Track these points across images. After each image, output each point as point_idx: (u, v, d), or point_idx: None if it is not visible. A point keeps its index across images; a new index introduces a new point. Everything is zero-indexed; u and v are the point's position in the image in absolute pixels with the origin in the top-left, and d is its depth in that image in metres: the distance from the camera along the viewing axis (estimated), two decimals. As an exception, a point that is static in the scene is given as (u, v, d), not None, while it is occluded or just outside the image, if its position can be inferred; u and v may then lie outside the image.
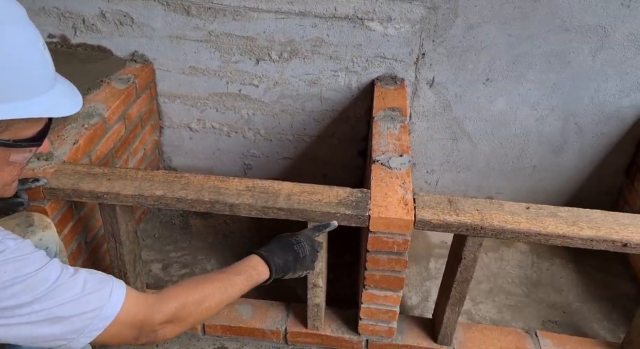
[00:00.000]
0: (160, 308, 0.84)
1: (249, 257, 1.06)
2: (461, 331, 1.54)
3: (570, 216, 1.27)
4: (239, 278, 0.98)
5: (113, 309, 0.76)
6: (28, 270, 0.69)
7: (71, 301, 0.72)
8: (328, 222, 1.22)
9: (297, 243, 1.13)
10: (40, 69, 0.71)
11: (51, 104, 0.71)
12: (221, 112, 2.09)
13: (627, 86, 1.81)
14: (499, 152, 2.04)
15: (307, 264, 1.14)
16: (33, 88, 0.69)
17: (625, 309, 1.76)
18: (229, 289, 0.96)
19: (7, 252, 0.68)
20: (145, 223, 2.09)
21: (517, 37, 1.77)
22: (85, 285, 0.74)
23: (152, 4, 1.86)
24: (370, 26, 1.81)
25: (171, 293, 0.88)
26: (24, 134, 0.70)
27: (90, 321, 0.73)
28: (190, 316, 0.89)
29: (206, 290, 0.92)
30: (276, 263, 1.06)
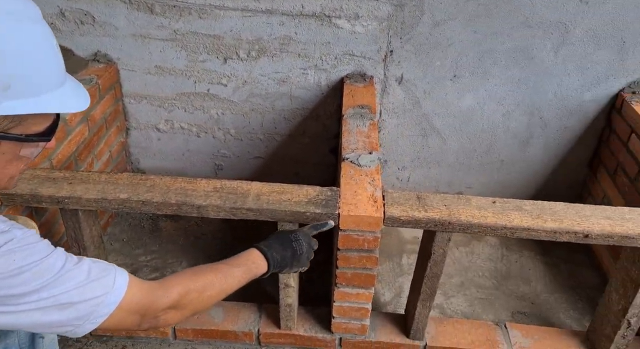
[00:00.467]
0: (164, 294, 0.86)
1: (249, 251, 1.09)
2: (433, 326, 1.55)
3: (535, 209, 1.29)
4: (239, 270, 1.01)
5: (117, 296, 0.78)
6: (34, 258, 0.71)
7: (77, 288, 0.74)
8: (325, 222, 1.24)
9: (296, 240, 1.15)
10: (54, 66, 0.74)
11: (62, 100, 0.73)
12: (190, 112, 2.05)
13: (587, 81, 1.86)
14: (467, 147, 2.07)
15: (302, 261, 1.17)
16: (47, 84, 0.71)
17: (590, 298, 1.82)
18: (229, 279, 0.98)
19: (15, 242, 0.70)
20: (113, 227, 2.04)
21: (482, 34, 1.79)
22: (89, 273, 0.76)
23: (114, 2, 1.81)
24: (338, 24, 1.81)
25: (174, 280, 0.90)
26: (35, 129, 0.72)
27: (95, 308, 0.75)
28: (191, 303, 0.91)
29: (208, 279, 0.94)
30: (274, 258, 1.09)
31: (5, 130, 0.68)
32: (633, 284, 1.33)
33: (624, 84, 1.86)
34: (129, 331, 1.55)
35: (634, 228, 1.23)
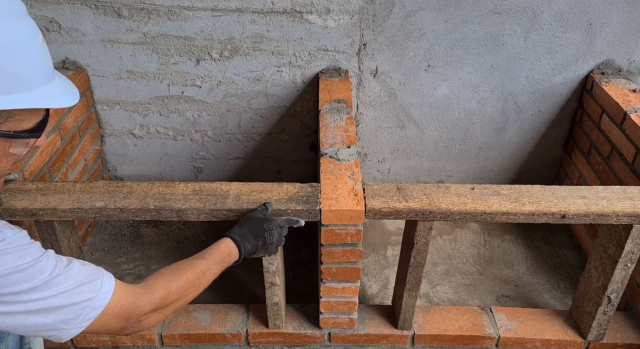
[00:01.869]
0: (147, 299, 0.87)
1: (223, 240, 1.11)
2: (420, 315, 1.57)
3: (513, 193, 1.31)
4: (215, 265, 1.05)
5: (103, 300, 0.78)
6: (26, 260, 0.71)
7: (65, 292, 0.74)
8: (298, 219, 1.25)
9: (268, 230, 1.18)
10: (41, 61, 0.74)
11: (51, 96, 0.73)
12: (165, 116, 2.02)
13: (558, 64, 1.89)
14: (445, 136, 2.09)
15: (271, 249, 1.21)
16: (34, 80, 0.71)
17: (572, 277, 1.85)
18: (206, 274, 1.01)
19: (7, 242, 0.71)
20: (93, 237, 2.00)
21: (453, 23, 1.81)
22: (78, 276, 0.77)
23: (79, 7, 1.77)
24: (310, 19, 1.80)
25: (155, 283, 0.91)
26: (24, 126, 0.72)
27: (81, 311, 0.76)
28: (172, 303, 0.93)
29: (187, 277, 0.96)
30: (246, 248, 1.13)
31: None
32: (611, 261, 1.36)
33: (593, 66, 1.90)
34: (114, 341, 1.53)
35: (608, 206, 1.25)
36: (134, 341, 1.53)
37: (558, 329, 1.54)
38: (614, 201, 1.27)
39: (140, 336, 1.51)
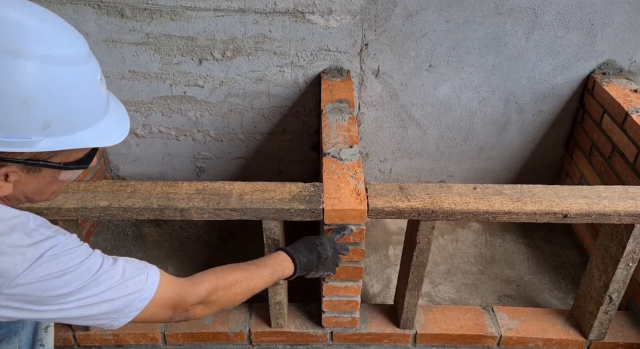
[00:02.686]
0: (193, 290, 0.91)
1: (276, 253, 1.14)
2: (422, 314, 1.57)
3: (515, 193, 1.32)
4: (266, 271, 1.06)
5: (150, 292, 0.83)
6: (75, 261, 0.76)
7: (114, 287, 0.79)
8: (345, 225, 1.28)
9: (321, 245, 1.20)
10: (98, 101, 0.76)
11: (103, 133, 0.77)
12: (167, 115, 2.03)
13: (559, 64, 1.90)
14: (447, 136, 2.09)
15: (328, 265, 1.21)
16: (89, 120, 0.75)
17: (573, 277, 1.86)
18: (255, 279, 1.03)
19: (59, 247, 0.75)
20: (96, 236, 2.01)
21: (455, 23, 1.81)
22: (124, 272, 0.81)
23: (82, 7, 1.78)
24: (312, 19, 1.81)
25: (203, 277, 0.95)
26: (74, 157, 0.77)
27: (130, 303, 0.81)
28: (219, 299, 0.96)
29: (235, 277, 0.99)
30: (301, 261, 1.14)
31: (45, 159, 0.73)
32: (612, 261, 1.37)
33: (594, 66, 1.90)
34: (117, 339, 1.53)
35: (610, 206, 1.26)
36: (137, 339, 1.53)
37: (559, 329, 1.54)
38: (616, 201, 1.27)
39: (144, 335, 1.52)
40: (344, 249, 1.27)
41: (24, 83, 0.66)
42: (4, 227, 0.72)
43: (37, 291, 0.72)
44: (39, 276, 0.72)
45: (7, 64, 0.65)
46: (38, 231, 0.74)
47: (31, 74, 0.66)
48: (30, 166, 0.72)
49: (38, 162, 0.72)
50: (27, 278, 0.71)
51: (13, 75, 0.65)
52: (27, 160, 0.71)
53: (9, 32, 0.65)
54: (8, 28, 0.66)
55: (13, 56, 0.65)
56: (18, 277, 0.70)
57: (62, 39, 0.71)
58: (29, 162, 0.71)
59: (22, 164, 0.71)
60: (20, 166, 0.71)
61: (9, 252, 0.70)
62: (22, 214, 0.75)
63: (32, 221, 0.75)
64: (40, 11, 0.71)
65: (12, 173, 0.71)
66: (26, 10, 0.69)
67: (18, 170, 0.72)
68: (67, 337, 1.53)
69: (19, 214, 0.74)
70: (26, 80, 0.66)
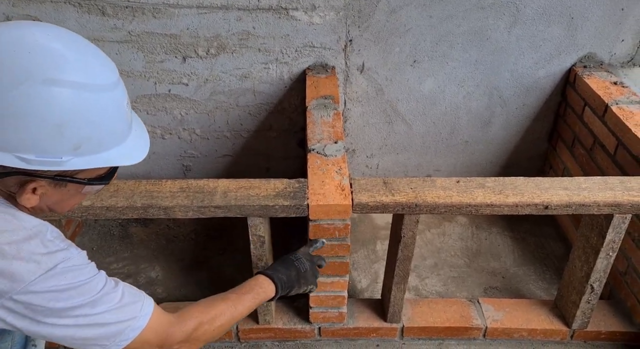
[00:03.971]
0: (180, 328, 0.93)
1: (255, 277, 1.18)
2: (409, 307, 1.58)
3: (497, 186, 1.33)
4: (248, 297, 1.10)
5: (143, 321, 0.85)
6: (83, 278, 0.79)
7: (111, 310, 0.81)
8: (317, 239, 1.32)
9: (297, 259, 1.24)
10: (122, 125, 0.81)
11: (124, 154, 0.81)
12: (152, 114, 2.02)
13: (541, 58, 1.92)
14: (432, 131, 2.11)
15: (309, 279, 1.25)
16: (113, 142, 0.79)
17: (557, 268, 1.89)
18: (238, 307, 1.07)
19: (71, 261, 0.78)
20: (82, 237, 1.99)
21: (438, 18, 1.82)
22: (123, 297, 0.83)
23: (63, 6, 1.76)
24: (296, 16, 1.80)
25: (189, 313, 0.97)
26: (97, 174, 0.81)
27: (123, 330, 0.82)
28: (204, 334, 0.98)
29: (219, 309, 1.02)
30: (280, 279, 1.18)
31: (72, 175, 0.78)
32: (593, 251, 1.39)
33: (575, 59, 1.92)
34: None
35: (590, 197, 1.28)
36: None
37: (544, 319, 1.57)
38: (595, 192, 1.30)
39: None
40: (321, 260, 1.30)
41: (60, 110, 0.71)
42: (25, 234, 0.75)
43: (43, 301, 0.75)
44: (49, 286, 0.75)
45: (44, 91, 0.70)
46: (54, 242, 0.78)
47: (66, 102, 0.72)
48: (57, 181, 0.77)
49: (65, 178, 0.77)
50: (38, 287, 0.74)
51: (50, 102, 0.70)
52: (55, 176, 0.76)
53: (47, 61, 0.71)
54: (46, 57, 0.71)
55: (50, 84, 0.70)
56: (30, 284, 0.73)
57: (96, 68, 0.76)
58: (57, 178, 0.76)
59: (50, 180, 0.76)
60: (49, 181, 0.76)
61: (27, 258, 0.74)
62: (42, 224, 0.79)
63: (49, 232, 0.78)
64: (75, 40, 0.77)
65: (40, 187, 0.76)
66: (63, 40, 0.75)
67: (46, 184, 0.76)
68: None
69: (38, 224, 0.78)
70: (61, 107, 0.71)
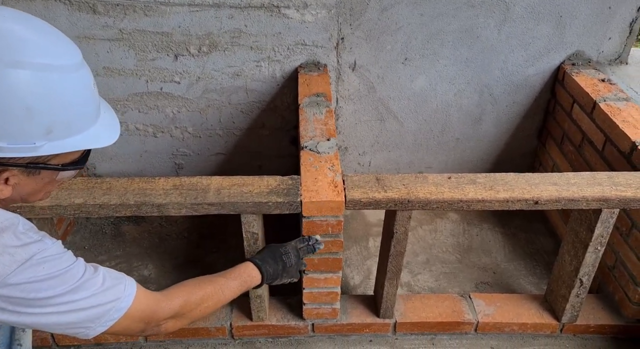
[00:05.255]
0: (166, 305, 0.96)
1: (245, 264, 1.20)
2: (401, 303, 1.60)
3: (488, 181, 1.35)
4: (235, 282, 1.13)
5: (127, 302, 0.86)
6: (61, 267, 0.79)
7: (94, 295, 0.82)
8: (310, 236, 1.34)
9: (285, 254, 1.28)
10: (90, 107, 0.80)
11: (96, 136, 0.81)
12: (144, 112, 2.01)
13: (530, 56, 1.94)
14: (424, 128, 2.12)
15: (292, 273, 1.30)
16: (84, 125, 0.78)
17: (547, 263, 1.91)
18: (225, 291, 1.09)
19: (46, 251, 0.78)
20: (73, 235, 1.98)
21: (429, 16, 1.84)
22: (104, 281, 0.85)
23: (53, 4, 1.74)
24: (287, 14, 1.81)
25: (176, 291, 1.00)
26: (70, 159, 0.80)
27: (107, 312, 0.84)
28: (190, 312, 1.01)
29: (206, 290, 1.05)
30: (267, 271, 1.22)
31: (45, 162, 0.76)
32: (582, 245, 1.41)
33: (564, 57, 1.95)
34: (97, 339, 1.52)
35: (579, 192, 1.30)
36: (118, 338, 1.53)
37: (534, 313, 1.59)
38: (584, 187, 1.32)
39: (124, 332, 1.51)
40: (310, 251, 1.32)
41: (26, 93, 0.70)
42: None
43: (23, 292, 0.75)
44: (27, 278, 0.75)
45: (8, 75, 0.69)
46: (27, 234, 0.78)
47: (32, 84, 0.70)
48: (31, 169, 0.75)
49: (38, 165, 0.76)
50: (16, 279, 0.74)
51: (15, 86, 0.69)
52: (28, 164, 0.74)
53: (8, 44, 0.69)
54: (6, 40, 0.70)
55: (14, 67, 0.69)
56: (7, 277, 0.73)
57: (59, 49, 0.75)
58: (30, 166, 0.75)
59: (23, 168, 0.75)
60: (21, 170, 0.75)
61: (0, 251, 0.73)
62: (14, 216, 0.78)
63: (21, 225, 0.78)
64: (35, 22, 0.75)
65: (13, 177, 0.75)
66: (22, 22, 0.74)
67: (19, 173, 0.75)
68: (44, 337, 1.51)
69: (10, 217, 0.77)
70: (28, 90, 0.70)
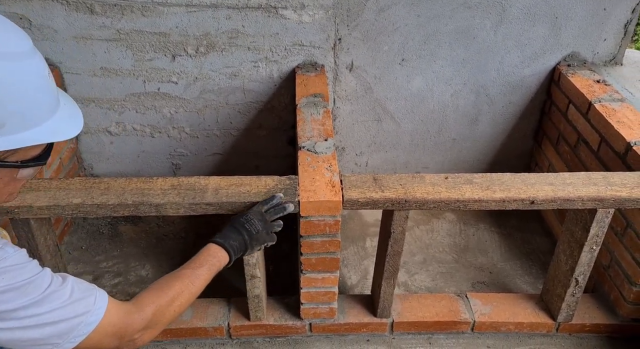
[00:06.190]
0: (139, 316, 0.90)
1: (207, 247, 1.13)
2: (398, 302, 1.60)
3: (484, 181, 1.35)
4: (202, 270, 1.06)
5: (97, 316, 0.80)
6: (23, 277, 0.74)
7: (60, 308, 0.76)
8: (273, 195, 1.25)
9: (247, 221, 1.19)
10: (47, 97, 0.75)
11: (56, 128, 0.75)
12: (141, 113, 2.01)
13: (527, 57, 1.95)
14: (421, 128, 2.13)
15: (262, 238, 1.21)
16: (40, 116, 0.73)
17: (543, 263, 1.92)
18: (195, 282, 1.03)
19: (7, 260, 0.74)
20: (70, 235, 1.98)
21: (425, 17, 1.85)
22: (72, 293, 0.79)
23: (50, 4, 1.74)
24: (285, 14, 1.81)
25: (145, 299, 0.94)
26: (31, 154, 0.75)
27: (75, 327, 0.78)
28: (164, 317, 0.95)
29: (176, 289, 0.99)
30: (232, 245, 1.14)
31: (2, 159, 0.71)
32: (577, 245, 1.42)
33: (560, 58, 1.96)
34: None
35: (574, 192, 1.31)
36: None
37: (530, 312, 1.60)
38: (579, 187, 1.33)
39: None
40: (277, 212, 1.23)
41: None
42: None
43: None
44: None
45: None
46: None
47: None
48: None
49: None
50: None
51: None
52: None
53: None
54: None
55: None
56: None
57: (5, 35, 0.70)
58: None
59: None
60: None
61: None
62: None
63: None
64: None
65: None
66: None
67: None
68: None
69: None
70: None
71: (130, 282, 1.79)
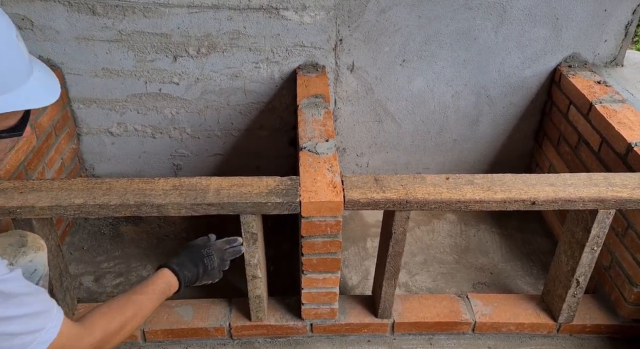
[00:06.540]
0: (87, 340, 0.89)
1: (162, 272, 1.16)
2: (399, 303, 1.61)
3: (486, 182, 1.36)
4: (153, 296, 1.10)
5: (51, 334, 0.78)
6: None
7: (18, 318, 0.73)
8: (236, 238, 1.33)
9: (207, 256, 1.24)
10: (18, 60, 0.71)
11: (32, 94, 0.71)
12: (143, 113, 2.01)
13: (527, 58, 1.96)
14: (421, 129, 2.13)
15: (213, 275, 1.27)
16: (12, 80, 0.69)
17: (544, 263, 1.92)
18: (145, 307, 1.05)
19: None
20: (72, 236, 1.98)
21: (426, 18, 1.85)
22: (33, 306, 0.77)
23: (52, 4, 1.75)
24: (286, 15, 1.82)
25: (95, 320, 0.94)
26: (6, 124, 0.71)
27: (28, 344, 0.75)
28: (112, 339, 0.96)
29: (127, 315, 1.00)
30: (185, 276, 1.19)
31: None
32: (578, 245, 1.42)
33: (561, 59, 1.97)
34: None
35: (575, 192, 1.31)
36: (117, 338, 1.53)
37: (531, 313, 1.60)
38: (581, 188, 1.33)
39: (123, 333, 1.51)
40: (234, 254, 1.30)
41: None
42: None
43: None
44: None
45: None
46: None
47: None
48: None
49: None
50: None
51: None
52: None
53: None
54: None
55: None
56: None
57: None
58: None
59: None
60: None
61: None
62: None
63: None
64: None
65: None
66: None
67: None
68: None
69: None
70: None
71: (132, 282, 1.79)
